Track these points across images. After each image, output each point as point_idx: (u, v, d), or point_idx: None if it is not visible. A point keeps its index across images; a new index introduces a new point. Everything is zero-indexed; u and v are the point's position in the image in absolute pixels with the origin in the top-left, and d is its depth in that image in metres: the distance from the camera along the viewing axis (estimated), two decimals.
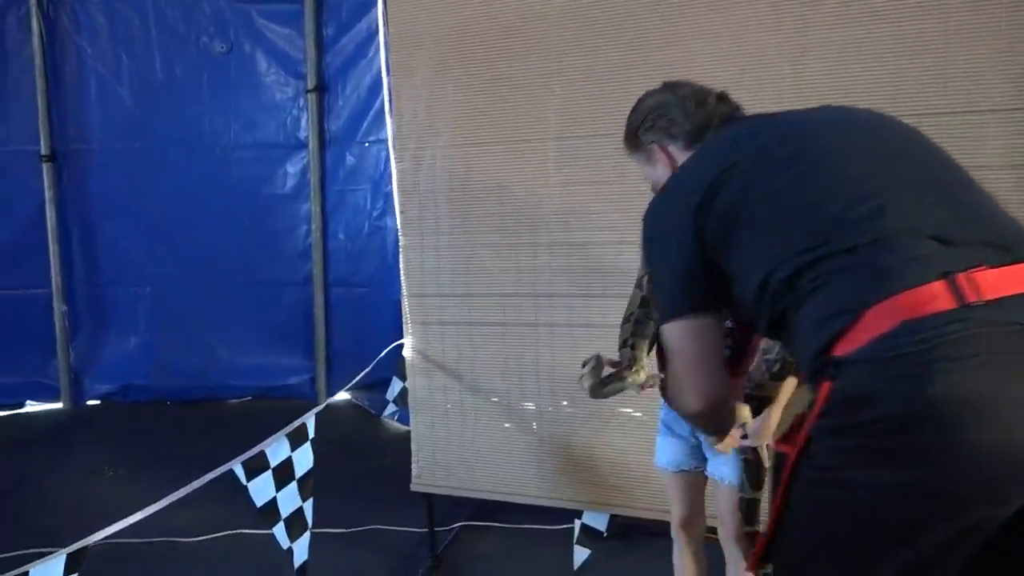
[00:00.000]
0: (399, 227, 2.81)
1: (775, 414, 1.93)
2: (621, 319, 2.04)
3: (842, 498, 1.15)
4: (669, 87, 1.68)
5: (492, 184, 2.65)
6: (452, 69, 2.65)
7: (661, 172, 1.63)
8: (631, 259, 2.45)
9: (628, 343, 1.97)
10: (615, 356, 1.99)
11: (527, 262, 2.63)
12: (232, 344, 5.02)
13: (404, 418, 4.12)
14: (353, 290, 4.93)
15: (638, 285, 2.04)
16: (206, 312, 4.99)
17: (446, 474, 2.83)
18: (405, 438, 2.93)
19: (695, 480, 2.17)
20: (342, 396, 4.93)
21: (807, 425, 1.19)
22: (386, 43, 2.78)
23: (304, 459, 2.42)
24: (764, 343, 1.88)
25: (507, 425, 2.73)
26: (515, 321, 2.67)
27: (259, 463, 2.28)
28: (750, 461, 1.96)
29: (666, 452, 2.17)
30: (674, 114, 1.61)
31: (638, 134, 1.67)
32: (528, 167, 2.60)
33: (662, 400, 2.16)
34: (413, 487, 2.88)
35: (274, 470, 2.32)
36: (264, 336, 5.04)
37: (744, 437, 1.92)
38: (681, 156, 1.59)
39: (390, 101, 2.77)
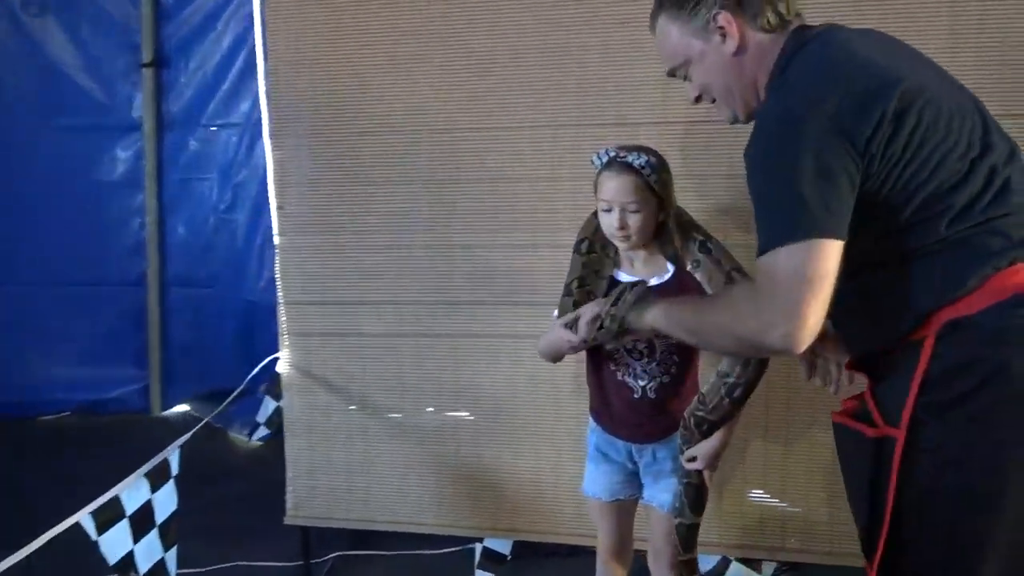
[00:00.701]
0: (275, 225, 2.45)
1: (725, 438, 1.80)
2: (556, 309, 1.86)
3: (975, 480, 1.18)
4: None
5: (386, 179, 2.35)
6: (342, 45, 2.32)
7: (720, 50, 1.35)
8: (542, 263, 2.26)
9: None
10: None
11: (426, 265, 2.36)
12: (47, 352, 4.37)
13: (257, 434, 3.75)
14: (195, 291, 4.41)
15: (576, 250, 1.88)
16: (14, 315, 4.31)
17: (328, 505, 2.50)
18: (263, 457, 2.57)
19: (628, 508, 2.00)
20: (180, 409, 4.47)
21: (909, 403, 1.20)
22: (262, 17, 2.40)
23: (166, 501, 2.03)
24: (722, 365, 1.73)
25: (401, 447, 2.44)
26: (412, 331, 2.39)
27: (112, 512, 1.88)
28: (694, 485, 1.81)
29: (599, 480, 1.98)
30: None
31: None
32: (430, 160, 2.33)
33: (593, 423, 1.98)
34: (288, 520, 2.53)
35: (131, 518, 1.92)
36: (86, 343, 4.42)
37: (692, 460, 1.77)
38: (757, 39, 1.34)
39: (266, 78, 2.39)
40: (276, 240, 2.44)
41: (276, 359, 2.49)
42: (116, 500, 1.88)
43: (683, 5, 1.37)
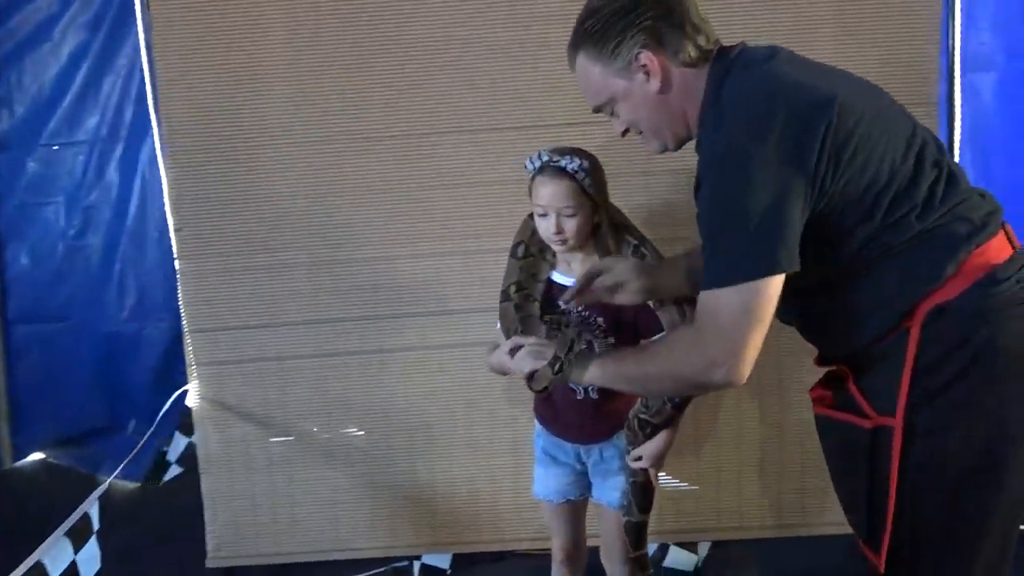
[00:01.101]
0: (175, 249, 2.28)
1: (670, 438, 1.84)
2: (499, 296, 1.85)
3: (974, 460, 1.23)
4: None
5: (297, 194, 2.25)
6: (236, 52, 2.20)
7: (645, 89, 1.33)
8: (467, 270, 2.24)
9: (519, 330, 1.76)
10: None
11: (345, 281, 2.28)
12: None
13: (134, 474, 3.48)
14: (44, 326, 4.01)
15: (513, 254, 1.88)
16: None
17: (254, 541, 2.36)
18: (140, 499, 2.38)
19: (579, 508, 2.02)
20: (36, 457, 4.05)
21: (903, 392, 1.23)
22: (145, 26, 2.23)
23: (90, 561, 1.85)
24: None
25: (330, 473, 2.34)
26: (333, 351, 2.29)
27: None
28: (640, 484, 1.85)
29: (548, 483, 1.99)
30: (675, 19, 1.31)
31: (616, 37, 1.32)
32: (339, 173, 2.25)
33: (539, 426, 1.99)
34: (211, 563, 2.37)
35: None
36: None
37: (638, 459, 1.81)
38: (680, 74, 1.32)
39: (153, 89, 2.22)
40: (177, 265, 2.28)
41: (185, 392, 2.32)
42: (39, 566, 1.69)
43: (603, 46, 1.34)
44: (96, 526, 1.86)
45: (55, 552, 1.73)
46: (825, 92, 1.21)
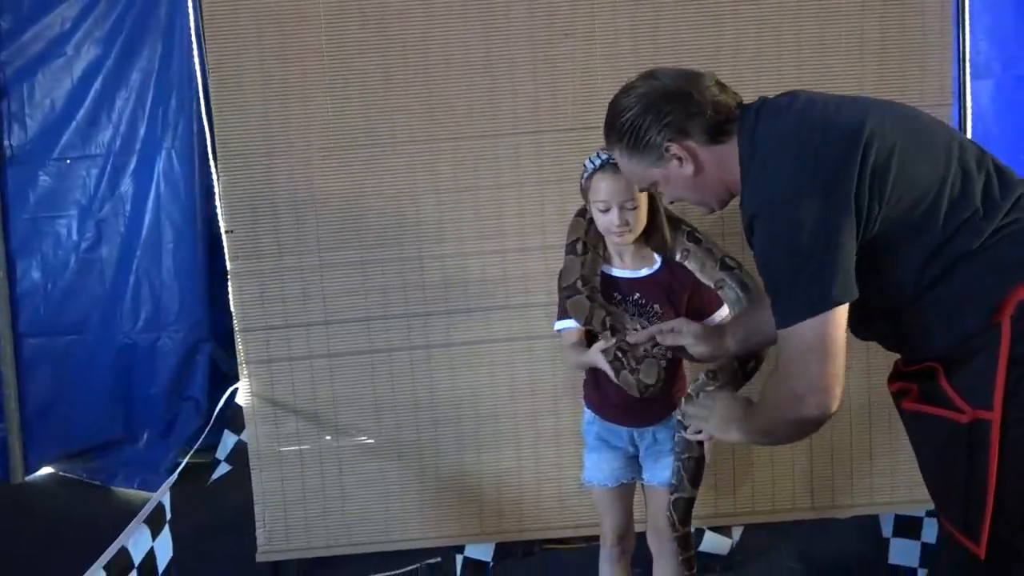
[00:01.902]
0: (226, 251, 2.34)
1: None
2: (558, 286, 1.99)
3: None
4: (654, 76, 1.49)
5: (346, 195, 2.33)
6: (290, 63, 2.28)
7: (681, 173, 1.47)
8: (511, 267, 2.34)
9: (607, 323, 1.89)
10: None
11: (394, 279, 2.35)
12: None
13: (150, 484, 3.49)
14: (56, 340, 4.02)
15: (572, 251, 1.98)
16: None
17: (304, 534, 2.41)
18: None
19: (630, 491, 2.12)
20: (47, 471, 4.03)
21: (999, 385, 1.27)
22: (197, 34, 2.31)
23: (164, 548, 1.89)
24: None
25: (379, 467, 2.40)
26: (385, 347, 2.37)
27: (122, 562, 1.73)
28: (695, 458, 1.92)
29: (602, 468, 2.08)
30: (694, 107, 1.43)
31: (645, 135, 1.45)
32: (388, 174, 2.33)
33: (591, 415, 2.08)
34: (260, 557, 2.41)
35: (139, 568, 1.77)
36: None
37: (698, 432, 1.90)
38: (706, 152, 1.45)
39: (207, 102, 2.29)
40: (229, 266, 2.34)
41: (235, 391, 2.37)
42: (124, 551, 1.74)
43: (634, 144, 1.47)
44: (168, 515, 1.91)
45: (135, 538, 1.78)
46: (854, 123, 1.32)
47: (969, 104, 2.35)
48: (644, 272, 2.01)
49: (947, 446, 1.36)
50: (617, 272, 2.02)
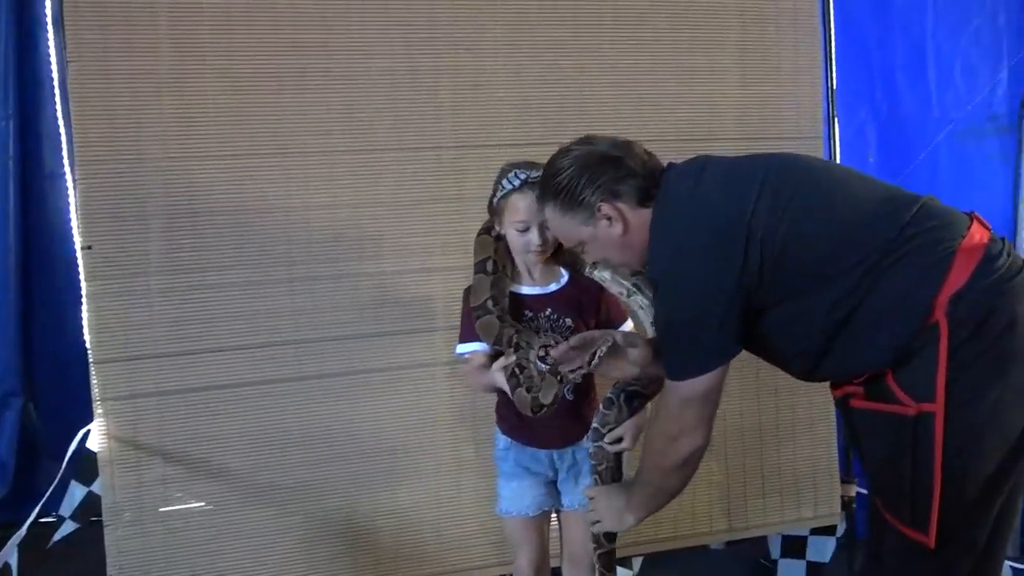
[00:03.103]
0: (81, 271, 2.02)
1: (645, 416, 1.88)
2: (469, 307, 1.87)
3: (996, 414, 1.34)
4: (590, 142, 1.58)
5: (229, 208, 2.10)
6: (161, 59, 2.04)
7: (609, 232, 1.55)
8: (413, 289, 2.20)
9: (513, 341, 1.79)
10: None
11: (283, 302, 2.13)
12: None
13: None
14: None
15: (482, 271, 1.89)
16: None
17: None
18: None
19: (547, 520, 2.01)
20: None
21: (940, 378, 1.33)
22: (56, 31, 2.02)
23: None
24: None
25: (262, 513, 2.13)
26: (272, 377, 2.13)
27: None
28: (612, 468, 1.81)
29: (523, 496, 1.95)
30: (625, 171, 1.52)
31: (579, 194, 1.53)
32: (277, 186, 2.13)
33: (507, 442, 1.97)
34: None
35: None
36: None
37: (617, 441, 1.79)
38: (633, 215, 1.53)
39: (63, 97, 2.00)
40: (84, 287, 2.02)
41: (87, 433, 2.03)
42: None
43: (568, 203, 1.55)
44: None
45: None
46: (740, 206, 1.42)
47: (838, 135, 2.52)
48: (553, 287, 1.94)
49: (896, 441, 1.40)
50: (526, 290, 1.94)
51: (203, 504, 2.10)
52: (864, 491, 2.38)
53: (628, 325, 1.95)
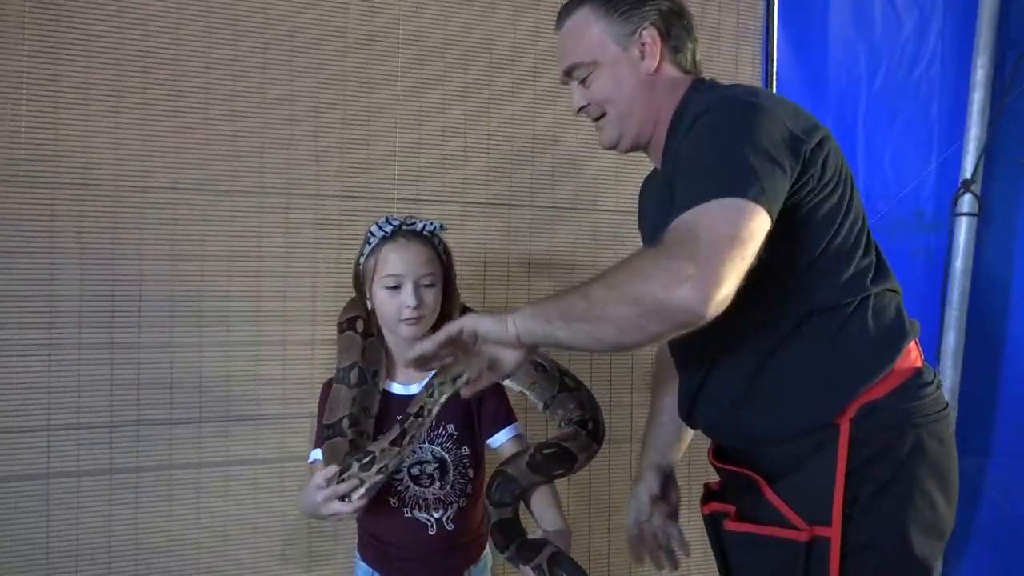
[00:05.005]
0: None
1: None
2: None
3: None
4: None
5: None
6: None
7: (636, 65, 1.28)
8: (266, 366, 1.78)
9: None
10: None
11: (92, 370, 1.67)
12: None
13: None
14: None
15: (344, 380, 1.49)
16: None
17: None
18: None
19: None
20: None
21: (837, 498, 1.13)
22: None
23: None
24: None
25: None
26: (70, 469, 1.65)
27: None
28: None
29: None
30: (689, 29, 1.33)
31: (636, 5, 1.29)
32: (87, 222, 1.68)
33: (364, 569, 1.58)
34: None
35: None
36: None
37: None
38: (671, 71, 1.30)
39: None
40: None
41: None
42: None
43: (614, 7, 1.29)
44: None
45: None
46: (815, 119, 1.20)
47: None
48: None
49: (782, 570, 1.17)
50: (398, 388, 1.56)
51: None
52: None
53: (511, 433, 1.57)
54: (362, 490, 1.34)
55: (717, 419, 1.30)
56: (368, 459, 1.34)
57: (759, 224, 1.03)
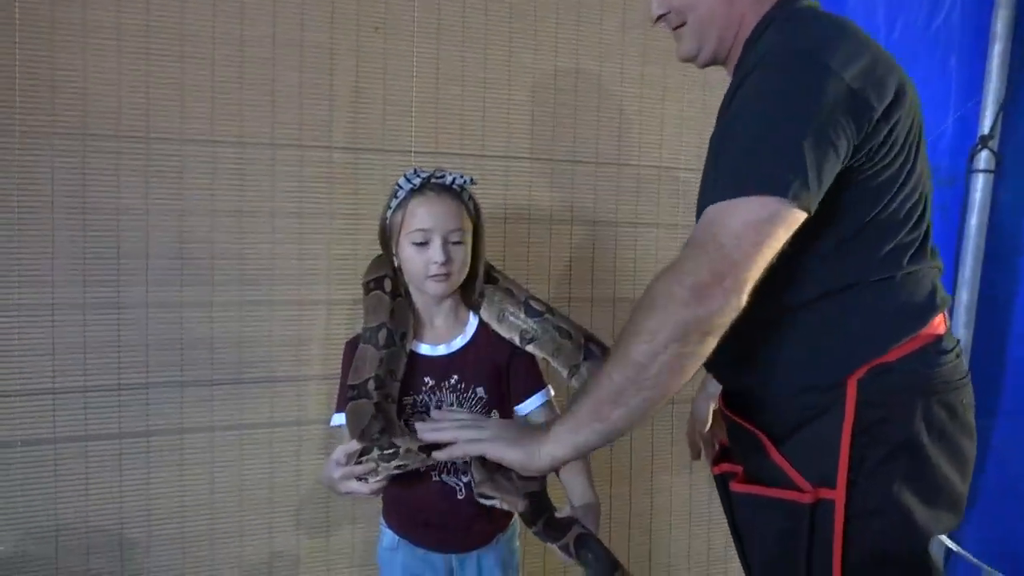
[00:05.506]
0: None
1: None
2: None
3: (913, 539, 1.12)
4: None
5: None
6: None
7: None
8: (280, 328, 1.72)
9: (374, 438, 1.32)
10: None
11: (99, 333, 1.59)
12: None
13: None
14: None
15: (372, 341, 1.41)
16: None
17: None
18: None
19: None
20: None
21: (843, 462, 1.09)
22: None
23: None
24: None
25: None
26: (76, 433, 1.58)
27: None
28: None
29: None
30: None
31: None
32: (87, 175, 1.59)
33: (395, 540, 1.54)
34: None
35: None
36: None
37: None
38: None
39: None
40: None
41: None
42: None
43: None
44: None
45: None
46: (896, 78, 1.09)
47: None
48: (458, 344, 1.50)
49: (786, 532, 1.14)
50: (426, 349, 1.49)
51: None
52: None
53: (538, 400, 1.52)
54: (379, 475, 1.30)
55: (726, 375, 1.28)
56: (391, 452, 1.29)
57: (792, 223, 0.99)
